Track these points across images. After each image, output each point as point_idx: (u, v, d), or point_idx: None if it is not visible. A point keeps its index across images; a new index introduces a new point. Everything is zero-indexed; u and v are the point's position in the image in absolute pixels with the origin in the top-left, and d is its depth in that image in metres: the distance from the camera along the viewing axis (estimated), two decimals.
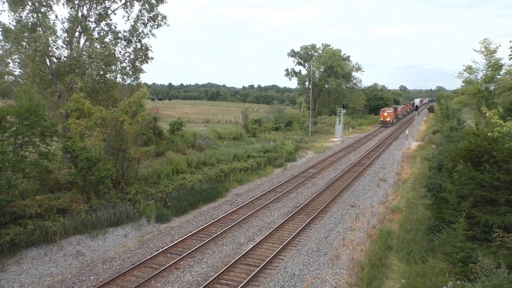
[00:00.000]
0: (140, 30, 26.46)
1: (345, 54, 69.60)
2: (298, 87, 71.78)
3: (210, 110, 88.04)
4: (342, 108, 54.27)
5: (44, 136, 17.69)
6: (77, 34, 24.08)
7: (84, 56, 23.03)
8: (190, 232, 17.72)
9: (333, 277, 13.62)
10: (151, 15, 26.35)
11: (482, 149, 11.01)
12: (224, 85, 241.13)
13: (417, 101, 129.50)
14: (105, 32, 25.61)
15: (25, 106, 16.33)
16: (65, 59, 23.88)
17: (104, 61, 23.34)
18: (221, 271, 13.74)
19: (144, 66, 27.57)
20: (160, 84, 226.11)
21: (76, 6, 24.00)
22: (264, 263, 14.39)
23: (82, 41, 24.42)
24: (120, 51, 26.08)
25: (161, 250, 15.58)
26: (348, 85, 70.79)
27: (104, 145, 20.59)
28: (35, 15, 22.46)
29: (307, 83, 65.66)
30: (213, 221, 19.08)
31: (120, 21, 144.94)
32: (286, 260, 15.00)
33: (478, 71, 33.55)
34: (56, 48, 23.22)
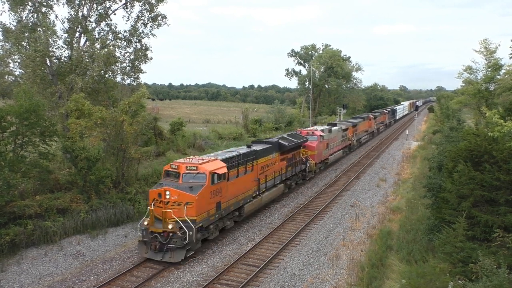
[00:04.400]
0: (140, 30, 26.46)
1: (345, 55, 69.79)
2: (298, 87, 71.78)
3: (210, 110, 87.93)
4: (342, 108, 54.29)
5: (44, 136, 17.68)
6: (77, 34, 24.07)
7: (86, 57, 23.01)
8: None
9: (333, 277, 13.61)
10: (152, 15, 26.34)
11: (482, 149, 11.01)
12: (224, 85, 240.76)
13: (401, 108, 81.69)
14: (105, 32, 25.62)
15: (25, 106, 16.31)
16: (65, 59, 23.88)
17: (104, 62, 23.33)
18: (221, 271, 13.75)
19: (144, 66, 27.61)
20: (160, 84, 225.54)
21: (77, 6, 23.99)
22: (264, 263, 14.40)
23: (82, 41, 24.43)
24: (120, 51, 26.11)
25: None
26: (348, 85, 70.80)
27: (104, 145, 20.58)
28: (36, 15, 22.47)
29: (307, 83, 65.63)
30: None
31: (120, 21, 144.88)
32: (286, 260, 15.00)
33: (478, 71, 33.50)
34: (56, 49, 23.27)
